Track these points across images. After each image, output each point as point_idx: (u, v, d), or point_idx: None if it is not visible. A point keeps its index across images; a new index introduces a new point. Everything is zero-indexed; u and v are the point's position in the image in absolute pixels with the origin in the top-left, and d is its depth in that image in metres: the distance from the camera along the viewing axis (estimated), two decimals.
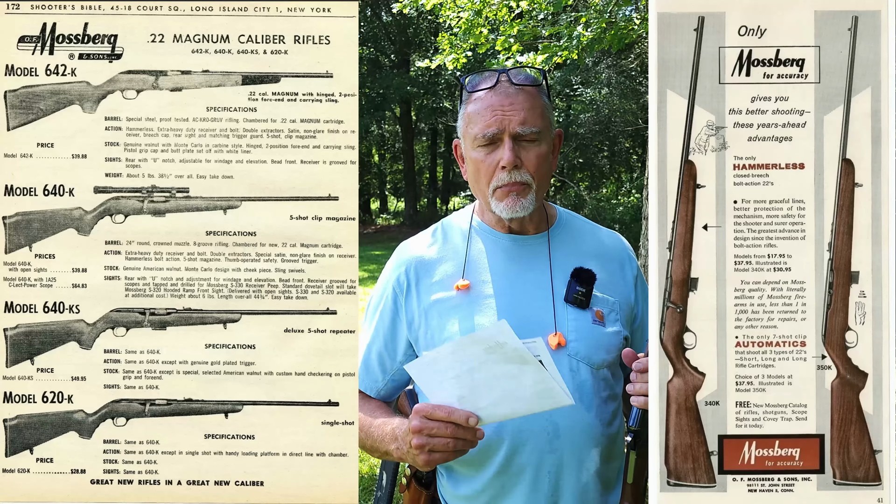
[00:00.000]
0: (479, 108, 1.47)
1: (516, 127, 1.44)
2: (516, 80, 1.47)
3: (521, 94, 1.46)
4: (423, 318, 1.50)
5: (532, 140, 1.46)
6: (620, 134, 16.09)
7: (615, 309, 1.51)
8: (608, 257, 1.57)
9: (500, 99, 1.45)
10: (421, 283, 1.52)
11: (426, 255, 1.56)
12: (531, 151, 1.46)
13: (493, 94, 1.46)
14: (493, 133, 1.44)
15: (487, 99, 1.46)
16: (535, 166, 1.46)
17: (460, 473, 1.50)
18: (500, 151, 1.44)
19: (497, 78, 1.47)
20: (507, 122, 1.44)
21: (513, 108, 1.44)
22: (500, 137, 1.44)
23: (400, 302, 1.53)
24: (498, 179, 1.45)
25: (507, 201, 1.45)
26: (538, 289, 1.49)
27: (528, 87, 1.48)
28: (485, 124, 1.45)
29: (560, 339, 1.44)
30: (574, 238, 1.58)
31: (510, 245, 1.54)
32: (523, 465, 1.43)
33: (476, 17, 6.50)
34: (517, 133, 1.44)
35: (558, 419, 1.42)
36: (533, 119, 1.45)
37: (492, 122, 1.44)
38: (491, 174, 1.46)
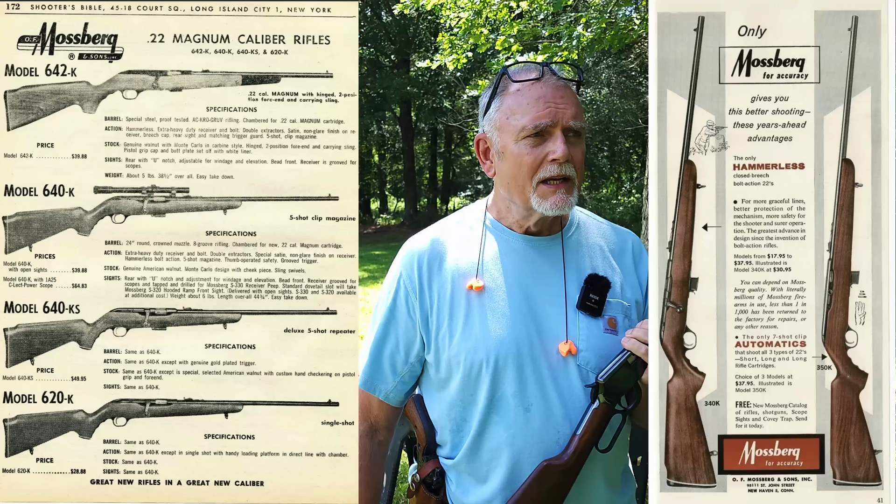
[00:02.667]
0: (526, 99, 1.41)
1: (569, 120, 1.40)
2: (561, 74, 1.44)
3: (567, 88, 1.43)
4: (435, 317, 1.47)
5: (578, 135, 1.43)
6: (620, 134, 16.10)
7: (629, 314, 1.48)
8: (622, 256, 1.54)
9: (551, 91, 1.41)
10: (433, 280, 1.48)
11: (437, 251, 1.51)
12: (577, 147, 1.42)
13: (541, 86, 1.41)
14: (545, 124, 1.39)
15: (535, 90, 1.41)
16: (580, 163, 1.42)
17: (469, 482, 1.48)
18: (550, 144, 1.39)
19: (542, 70, 1.43)
20: (560, 115, 1.39)
21: (564, 100, 1.40)
22: (551, 130, 1.39)
23: (412, 300, 1.48)
24: (546, 171, 1.39)
25: (554, 199, 1.40)
26: (551, 294, 1.46)
27: (572, 82, 1.45)
28: (536, 115, 1.39)
29: (571, 347, 1.41)
30: (587, 239, 1.54)
31: (523, 247, 1.50)
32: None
33: (476, 18, 6.51)
34: (569, 126, 1.40)
35: (568, 430, 1.40)
36: (580, 115, 1.42)
37: (544, 114, 1.39)
38: (536, 167, 1.40)
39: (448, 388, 1.47)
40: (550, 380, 1.42)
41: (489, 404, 1.43)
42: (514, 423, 1.42)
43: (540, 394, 1.41)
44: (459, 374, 1.44)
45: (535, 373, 1.42)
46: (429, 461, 1.55)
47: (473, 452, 1.46)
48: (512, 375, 1.42)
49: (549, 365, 1.42)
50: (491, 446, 1.44)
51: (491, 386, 1.42)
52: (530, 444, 1.41)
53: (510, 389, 1.42)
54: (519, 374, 1.42)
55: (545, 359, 1.42)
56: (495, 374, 1.42)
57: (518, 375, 1.42)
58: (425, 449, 1.57)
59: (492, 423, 1.44)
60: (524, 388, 1.41)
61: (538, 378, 1.42)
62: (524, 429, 1.41)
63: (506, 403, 1.42)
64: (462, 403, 1.46)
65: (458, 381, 1.45)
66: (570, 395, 1.42)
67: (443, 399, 1.50)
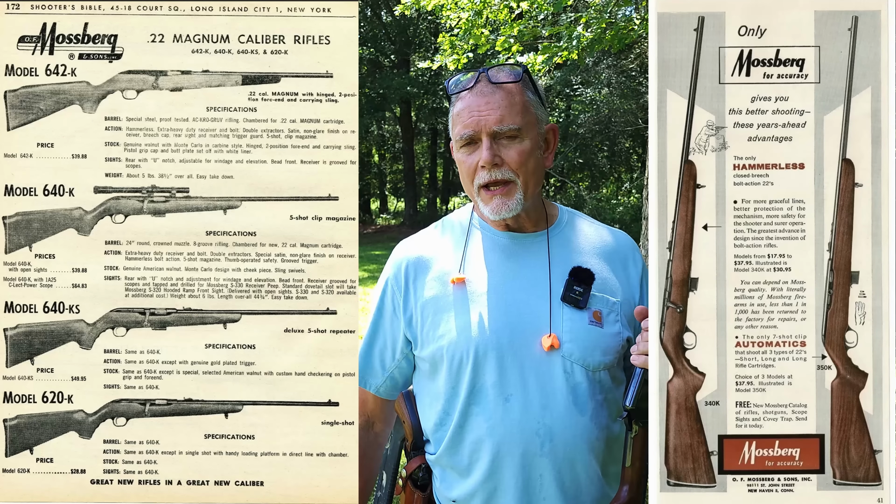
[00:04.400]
0: (459, 109, 1.49)
1: (492, 126, 1.44)
2: (495, 79, 1.48)
3: (498, 92, 1.47)
4: (419, 315, 1.50)
5: (512, 137, 1.46)
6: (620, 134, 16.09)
7: (615, 310, 1.49)
8: (611, 256, 1.56)
9: (477, 99, 1.46)
10: (418, 279, 1.53)
11: (424, 252, 1.56)
12: (511, 149, 1.46)
13: (470, 95, 1.48)
14: (469, 134, 1.45)
15: (466, 100, 1.48)
16: (517, 163, 1.46)
17: (452, 476, 1.49)
18: (479, 151, 1.45)
19: (476, 78, 1.48)
20: (482, 123, 1.44)
21: (489, 107, 1.45)
22: (477, 138, 1.45)
23: (398, 300, 1.53)
24: (479, 178, 1.46)
25: (493, 204, 1.46)
26: (534, 287, 1.48)
27: (507, 83, 1.48)
28: (462, 125, 1.46)
29: (553, 341, 1.43)
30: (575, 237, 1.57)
31: (508, 242, 1.53)
32: (513, 468, 1.42)
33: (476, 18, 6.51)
34: (493, 132, 1.45)
35: (551, 422, 1.41)
36: (511, 116, 1.45)
37: (469, 123, 1.45)
38: (473, 174, 1.47)
39: (436, 382, 1.50)
40: (531, 371, 1.43)
41: (469, 396, 1.45)
42: (493, 414, 1.43)
43: (520, 384, 1.42)
44: (444, 366, 1.46)
45: (515, 364, 1.43)
46: (415, 457, 1.57)
47: (455, 445, 1.47)
48: (492, 366, 1.43)
49: (530, 357, 1.43)
50: (472, 438, 1.45)
51: (472, 377, 1.44)
52: (510, 435, 1.42)
53: (490, 380, 1.43)
54: (499, 365, 1.43)
55: (527, 351, 1.44)
56: (476, 364, 1.44)
57: (498, 366, 1.43)
58: (412, 445, 1.59)
59: (472, 414, 1.45)
60: (504, 378, 1.43)
61: (519, 369, 1.43)
62: (503, 419, 1.42)
63: (485, 394, 1.44)
64: (445, 396, 1.47)
65: (444, 374, 1.47)
66: (552, 387, 1.43)
67: (430, 393, 1.52)
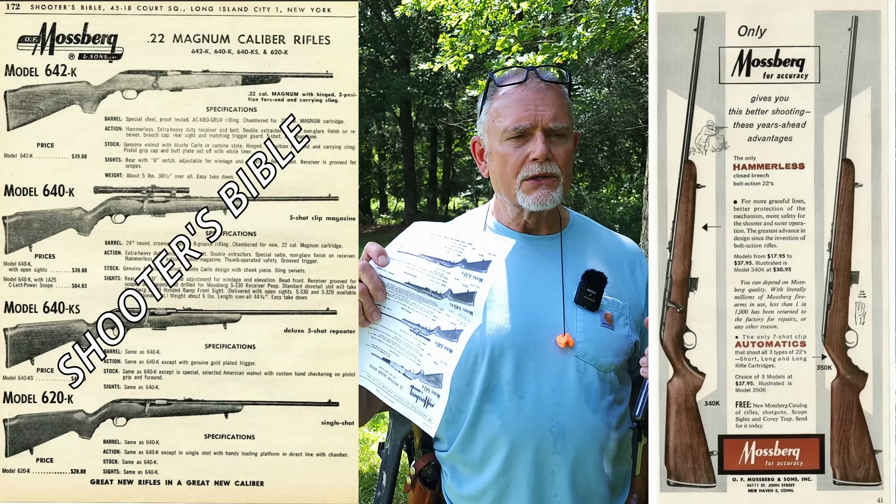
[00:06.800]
0: (508, 102, 1.49)
1: (549, 122, 1.47)
2: (545, 77, 1.51)
3: (550, 90, 1.50)
4: None
5: (560, 135, 1.49)
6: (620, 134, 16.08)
7: (625, 313, 1.52)
8: (619, 261, 1.58)
9: (532, 94, 1.48)
10: None
11: None
12: (560, 147, 1.49)
13: (523, 89, 1.49)
14: (525, 126, 1.47)
15: (518, 93, 1.49)
16: (564, 161, 1.49)
17: (464, 473, 1.50)
18: (531, 144, 1.47)
19: (526, 74, 1.51)
20: (539, 117, 1.47)
21: (544, 103, 1.48)
22: (531, 131, 1.47)
23: None
24: (528, 170, 1.47)
25: (537, 194, 1.47)
26: (549, 289, 1.50)
27: (557, 84, 1.51)
28: (516, 117, 1.47)
29: (568, 340, 1.45)
30: (586, 241, 1.59)
31: (523, 244, 1.54)
32: (526, 465, 1.43)
33: (477, 19, 6.51)
34: (549, 128, 1.47)
35: (564, 420, 1.42)
36: (563, 116, 1.49)
37: (524, 116, 1.47)
38: (519, 166, 1.48)
39: None
40: (546, 370, 1.44)
41: (484, 393, 1.45)
42: (507, 411, 1.43)
43: (535, 383, 1.44)
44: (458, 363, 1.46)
45: (531, 362, 1.44)
46: (424, 455, 1.57)
47: (468, 442, 1.47)
48: (509, 364, 1.44)
49: (546, 355, 1.45)
50: (485, 435, 1.45)
51: (487, 374, 1.45)
52: (523, 432, 1.43)
53: (506, 377, 1.44)
54: (516, 363, 1.44)
55: (542, 349, 1.45)
56: (492, 362, 1.44)
57: (515, 364, 1.44)
58: (422, 443, 1.59)
59: (486, 411, 1.45)
60: (520, 376, 1.44)
61: (535, 368, 1.44)
62: (517, 416, 1.43)
63: (500, 391, 1.44)
64: (458, 393, 1.47)
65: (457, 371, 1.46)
66: (565, 385, 1.44)
67: None
